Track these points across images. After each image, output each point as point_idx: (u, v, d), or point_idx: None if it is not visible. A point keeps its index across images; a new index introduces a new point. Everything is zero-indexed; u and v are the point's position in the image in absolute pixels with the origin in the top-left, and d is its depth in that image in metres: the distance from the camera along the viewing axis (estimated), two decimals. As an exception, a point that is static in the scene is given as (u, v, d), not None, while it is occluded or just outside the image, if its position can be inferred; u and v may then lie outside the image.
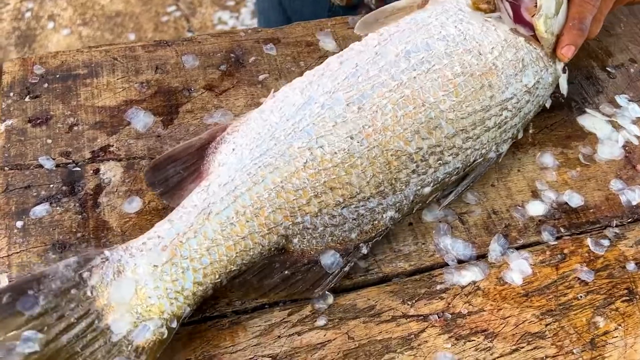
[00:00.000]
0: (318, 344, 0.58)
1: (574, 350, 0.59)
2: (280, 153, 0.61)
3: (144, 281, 0.56)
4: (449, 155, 0.65)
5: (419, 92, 0.64)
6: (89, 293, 0.54)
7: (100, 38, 2.28)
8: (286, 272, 0.60)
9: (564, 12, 0.69)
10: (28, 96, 0.72)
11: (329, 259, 0.61)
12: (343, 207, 0.61)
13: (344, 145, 0.62)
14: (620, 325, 0.61)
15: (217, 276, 0.58)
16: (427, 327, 0.60)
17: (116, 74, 0.75)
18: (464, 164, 0.67)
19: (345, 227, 0.62)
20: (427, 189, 0.65)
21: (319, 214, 0.61)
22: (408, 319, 0.60)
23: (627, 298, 0.63)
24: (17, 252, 0.61)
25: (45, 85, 0.73)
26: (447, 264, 0.64)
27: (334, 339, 0.59)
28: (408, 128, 0.63)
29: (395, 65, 0.65)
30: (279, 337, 0.58)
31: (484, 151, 0.68)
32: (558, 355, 0.59)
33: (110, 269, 0.56)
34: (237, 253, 0.58)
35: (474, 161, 0.67)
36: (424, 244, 0.65)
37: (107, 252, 0.56)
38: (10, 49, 2.23)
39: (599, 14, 0.71)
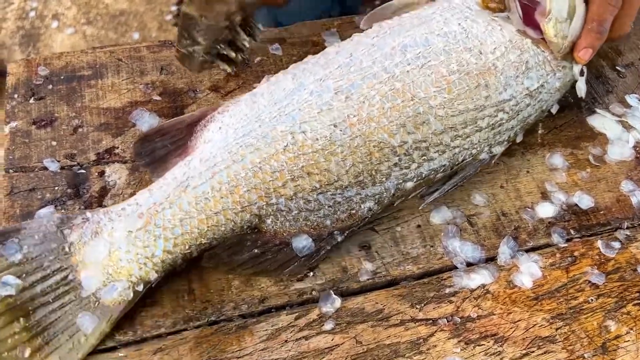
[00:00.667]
0: (325, 348, 0.58)
1: (585, 355, 0.58)
2: (262, 135, 0.62)
3: (117, 244, 0.58)
4: (434, 152, 0.64)
5: (410, 86, 0.64)
6: (67, 249, 0.58)
7: (105, 37, 2.27)
8: (256, 250, 0.61)
9: (581, 15, 0.67)
10: (32, 98, 0.72)
11: (300, 242, 0.61)
12: (319, 193, 0.61)
13: (326, 133, 0.62)
14: (632, 329, 0.60)
15: (187, 247, 0.59)
16: (436, 331, 0.59)
17: (121, 75, 0.75)
18: (451, 162, 0.66)
19: (320, 213, 0.62)
20: (409, 184, 0.65)
21: (294, 197, 0.61)
22: (417, 323, 0.60)
23: (639, 301, 0.62)
24: (22, 256, 0.61)
25: (50, 86, 0.73)
26: (456, 267, 0.63)
27: (341, 344, 0.58)
28: (394, 121, 0.63)
29: (389, 58, 0.65)
30: (286, 341, 0.58)
31: (474, 151, 0.67)
32: (569, 359, 0.58)
33: (89, 229, 0.58)
34: (208, 227, 0.59)
35: (463, 160, 0.67)
36: (432, 246, 0.65)
37: (88, 214, 0.59)
38: (14, 49, 2.23)
39: (623, 10, 0.68)
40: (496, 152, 0.69)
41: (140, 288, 0.58)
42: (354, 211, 0.63)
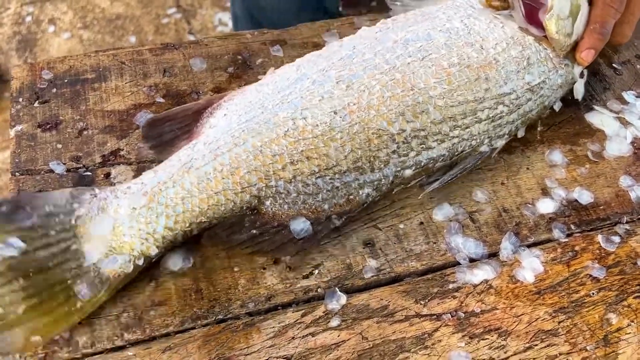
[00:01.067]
0: (332, 344, 0.58)
1: (588, 347, 0.59)
2: (264, 120, 0.63)
3: (121, 220, 0.60)
4: (433, 141, 0.66)
5: (410, 77, 0.65)
6: (73, 221, 0.60)
7: (101, 41, 2.28)
8: (255, 231, 0.63)
9: (584, 15, 0.68)
10: (37, 101, 0.73)
11: (298, 225, 0.63)
12: (318, 177, 0.63)
13: (326, 119, 0.63)
14: (633, 321, 0.61)
15: (187, 224, 0.61)
16: (440, 326, 0.60)
17: (124, 77, 0.75)
18: (450, 152, 0.67)
19: (319, 197, 0.63)
20: (408, 172, 0.66)
21: (293, 180, 0.62)
22: (421, 319, 0.60)
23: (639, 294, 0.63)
24: (30, 258, 0.61)
25: (54, 90, 0.74)
26: (459, 263, 0.64)
27: (348, 340, 0.59)
28: (393, 109, 0.64)
29: (391, 51, 0.67)
30: (293, 338, 0.59)
31: (474, 142, 0.68)
32: (572, 352, 0.59)
33: (96, 205, 0.60)
34: (209, 206, 0.61)
35: (463, 151, 0.68)
36: (435, 243, 0.65)
37: (96, 190, 0.62)
38: (11, 54, 2.23)
39: (624, 17, 0.69)
40: (497, 146, 0.70)
41: (140, 262, 0.60)
42: (352, 196, 0.64)
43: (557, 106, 0.74)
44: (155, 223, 0.60)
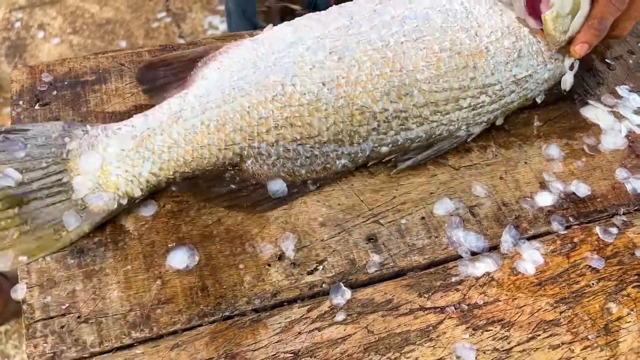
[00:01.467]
0: (338, 338, 0.59)
1: (589, 336, 0.60)
2: (255, 81, 0.66)
3: (109, 159, 0.63)
4: (413, 123, 0.68)
5: (401, 57, 0.67)
6: (64, 155, 0.64)
7: (92, 46, 2.27)
8: (233, 186, 0.66)
9: (584, 14, 0.69)
10: (37, 104, 0.73)
11: (275, 185, 0.66)
12: (299, 144, 0.66)
13: (314, 89, 0.65)
14: (632, 310, 0.62)
15: (171, 172, 0.65)
16: (444, 318, 0.61)
17: (124, 79, 0.76)
18: (427, 134, 0.69)
19: (297, 163, 0.66)
20: (384, 149, 0.68)
21: (275, 144, 0.65)
22: (425, 312, 0.61)
23: (638, 284, 0.64)
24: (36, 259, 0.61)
25: (54, 92, 0.74)
26: (460, 256, 0.65)
27: (353, 333, 0.59)
28: (379, 88, 0.66)
29: (387, 27, 0.68)
30: (299, 333, 0.59)
31: (452, 127, 0.69)
32: (574, 341, 0.60)
33: (87, 141, 0.64)
34: (193, 158, 0.65)
35: (440, 134, 0.69)
36: (437, 237, 0.66)
37: (88, 127, 0.65)
38: (1, 60, 2.22)
39: (628, 13, 0.70)
40: (474, 132, 0.71)
41: (124, 202, 0.64)
42: (329, 165, 0.67)
43: (540, 99, 0.75)
44: (141, 167, 0.63)
